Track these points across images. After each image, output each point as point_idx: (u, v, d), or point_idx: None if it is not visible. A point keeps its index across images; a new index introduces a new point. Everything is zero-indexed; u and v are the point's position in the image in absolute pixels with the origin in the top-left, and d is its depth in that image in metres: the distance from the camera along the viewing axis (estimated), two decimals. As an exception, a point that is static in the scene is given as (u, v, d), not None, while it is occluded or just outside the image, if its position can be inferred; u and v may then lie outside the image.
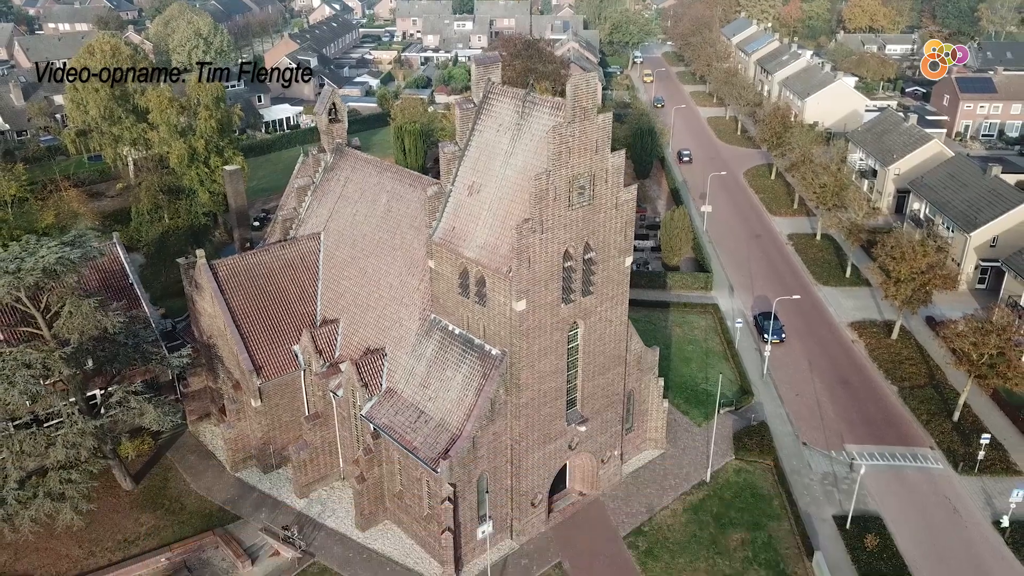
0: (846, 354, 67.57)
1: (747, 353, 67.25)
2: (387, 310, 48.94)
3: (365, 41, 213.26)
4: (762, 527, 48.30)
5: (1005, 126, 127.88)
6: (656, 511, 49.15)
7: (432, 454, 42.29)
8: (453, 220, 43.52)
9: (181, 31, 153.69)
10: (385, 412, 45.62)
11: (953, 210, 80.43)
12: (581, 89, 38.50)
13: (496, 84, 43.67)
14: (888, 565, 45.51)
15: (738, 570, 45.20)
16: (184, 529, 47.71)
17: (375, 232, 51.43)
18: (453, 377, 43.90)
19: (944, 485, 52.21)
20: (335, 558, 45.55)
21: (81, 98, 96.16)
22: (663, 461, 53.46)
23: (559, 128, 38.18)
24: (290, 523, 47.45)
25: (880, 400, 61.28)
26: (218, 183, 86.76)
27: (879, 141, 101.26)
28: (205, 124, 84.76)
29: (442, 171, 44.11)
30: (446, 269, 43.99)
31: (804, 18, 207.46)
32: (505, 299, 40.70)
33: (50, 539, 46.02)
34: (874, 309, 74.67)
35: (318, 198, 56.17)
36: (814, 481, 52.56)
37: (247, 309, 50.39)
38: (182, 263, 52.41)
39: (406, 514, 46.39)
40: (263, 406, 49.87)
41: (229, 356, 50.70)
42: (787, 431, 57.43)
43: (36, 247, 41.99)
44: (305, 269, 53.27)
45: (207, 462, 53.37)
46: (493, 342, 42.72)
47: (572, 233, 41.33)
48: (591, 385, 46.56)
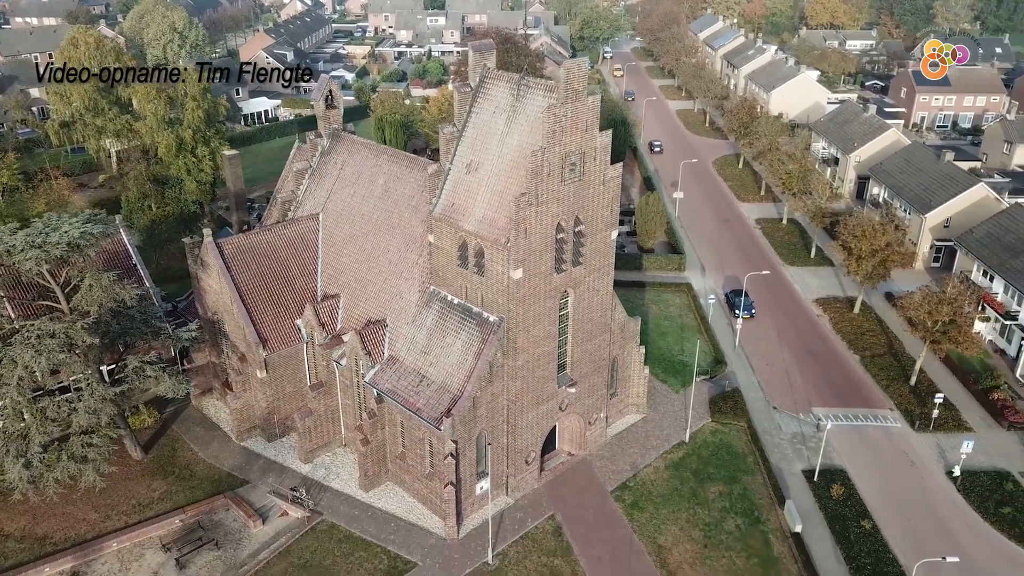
0: (812, 327, 71.97)
1: (720, 328, 71.28)
2: (387, 284, 51.90)
3: (337, 36, 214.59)
4: (737, 481, 52.22)
5: (958, 117, 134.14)
6: (640, 468, 52.83)
7: (435, 414, 45.44)
8: (452, 196, 46.66)
9: (155, 25, 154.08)
10: (388, 378, 48.63)
11: (909, 194, 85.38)
12: (573, 72, 41.92)
13: (491, 69, 46.86)
14: (852, 511, 49.67)
15: (716, 518, 49.04)
16: (195, 494, 50.25)
17: (373, 212, 54.31)
18: (453, 343, 47.07)
19: (902, 442, 56.61)
20: (342, 516, 48.48)
21: (65, 90, 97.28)
22: (645, 424, 57.17)
23: (554, 108, 41.53)
24: (295, 486, 50.21)
25: (843, 368, 65.68)
26: (205, 172, 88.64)
27: (841, 131, 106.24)
28: (192, 115, 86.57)
29: (441, 151, 47.20)
30: (446, 243, 47.12)
31: (768, 14, 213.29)
32: (503, 268, 43.96)
33: (66, 504, 48.30)
34: (837, 287, 79.27)
35: (316, 181, 58.85)
36: (784, 440, 56.64)
37: (252, 285, 53.00)
38: (187, 242, 54.78)
39: (408, 474, 49.46)
40: (268, 377, 52.56)
41: (235, 330, 53.27)
42: (759, 397, 61.49)
43: (59, 223, 44.25)
44: (305, 247, 55.99)
45: (212, 433, 55.88)
46: (491, 309, 45.97)
47: (564, 207, 44.74)
48: (579, 351, 50.04)
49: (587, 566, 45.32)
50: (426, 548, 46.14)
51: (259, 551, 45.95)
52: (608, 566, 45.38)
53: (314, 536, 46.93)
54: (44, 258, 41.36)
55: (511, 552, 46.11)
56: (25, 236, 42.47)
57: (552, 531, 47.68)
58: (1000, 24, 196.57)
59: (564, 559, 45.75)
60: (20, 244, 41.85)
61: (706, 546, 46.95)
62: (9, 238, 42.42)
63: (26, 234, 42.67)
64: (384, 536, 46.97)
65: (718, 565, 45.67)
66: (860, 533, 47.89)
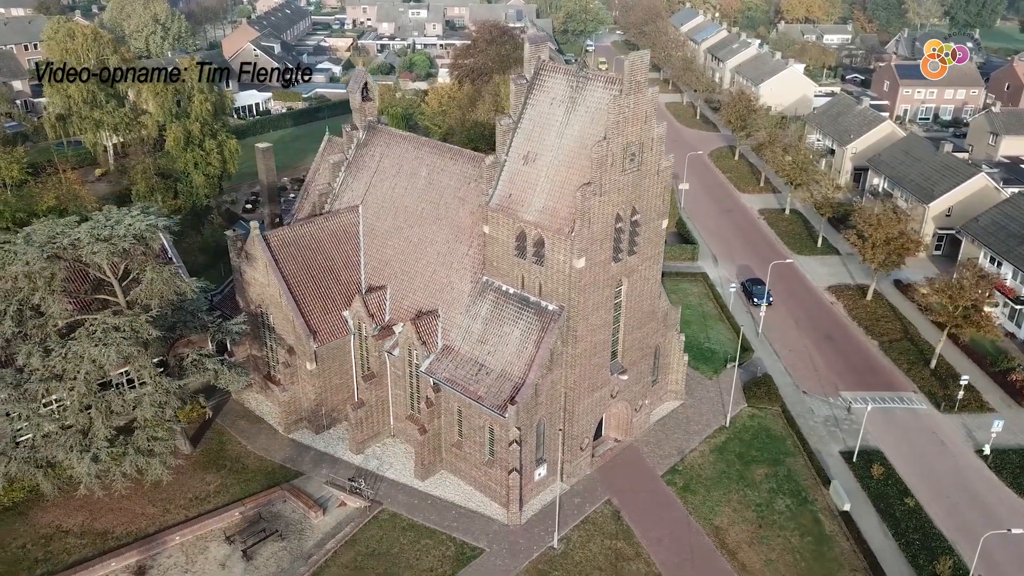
0: (827, 314, 73.98)
1: (739, 315, 72.89)
2: (436, 275, 52.28)
3: (316, 29, 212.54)
4: (781, 463, 53.76)
5: (940, 110, 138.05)
6: (686, 453, 54.08)
7: (498, 401, 46.06)
8: (509, 187, 47.22)
9: (137, 17, 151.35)
10: (445, 367, 49.09)
11: (911, 184, 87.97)
12: (636, 64, 42.77)
13: (546, 61, 47.47)
14: (893, 489, 51.53)
15: (766, 499, 50.50)
16: (250, 486, 50.22)
17: (417, 203, 54.57)
18: (511, 332, 47.70)
19: (929, 422, 58.71)
20: (401, 505, 48.89)
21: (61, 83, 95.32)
22: (684, 410, 58.44)
23: (618, 99, 42.36)
24: (353, 476, 50.45)
25: (863, 353, 67.74)
26: (213, 166, 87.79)
27: (835, 123, 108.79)
28: (201, 107, 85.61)
29: (498, 142, 47.70)
30: (502, 233, 47.67)
31: (744, 8, 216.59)
32: (565, 258, 44.69)
33: (122, 499, 47.93)
34: (846, 274, 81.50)
35: (352, 173, 58.86)
36: (818, 423, 58.35)
37: (299, 277, 52.98)
38: (230, 235, 54.50)
39: (464, 462, 50.02)
40: (318, 369, 52.64)
41: (283, 323, 53.20)
42: (787, 382, 63.16)
43: (121, 215, 43.83)
44: (348, 240, 56.06)
45: (258, 426, 55.76)
46: (550, 298, 46.68)
47: (623, 196, 45.64)
48: (630, 338, 51.06)
49: (650, 548, 46.41)
50: (490, 534, 46.81)
51: (324, 541, 46.16)
52: (670, 547, 46.52)
53: (377, 525, 47.29)
54: (112, 251, 41.00)
55: (574, 536, 47.00)
56: (90, 229, 42.00)
57: (611, 515, 48.68)
58: (969, 19, 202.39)
59: (627, 542, 46.79)
60: (85, 237, 41.40)
61: (760, 526, 48.36)
62: (72, 231, 41.91)
63: (90, 227, 42.19)
64: (447, 524, 47.52)
65: (775, 543, 47.10)
66: (904, 510, 49.73)
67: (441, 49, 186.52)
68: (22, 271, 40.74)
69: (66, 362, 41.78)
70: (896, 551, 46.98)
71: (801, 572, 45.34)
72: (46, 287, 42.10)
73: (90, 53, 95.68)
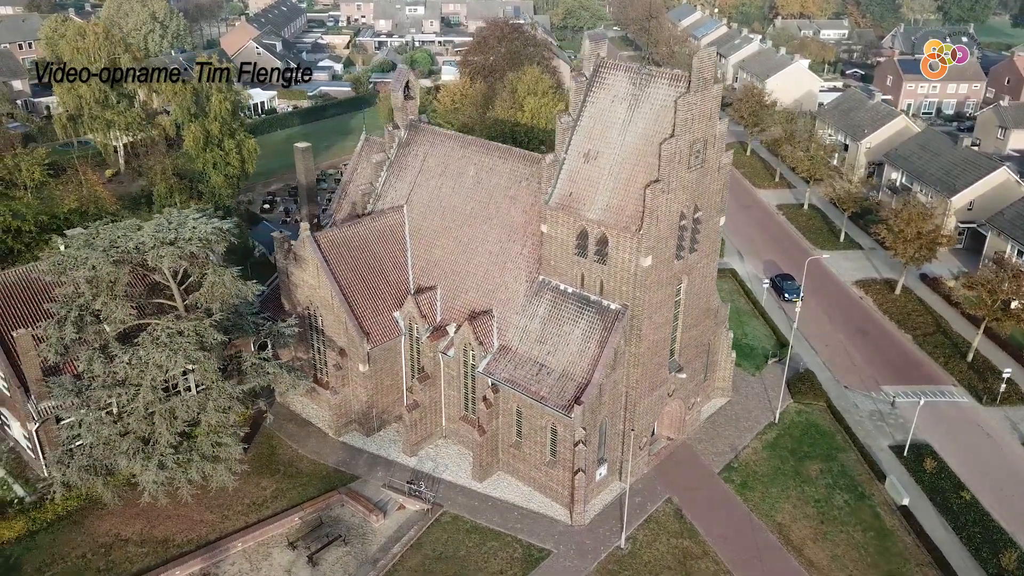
0: (858, 309, 74.31)
1: (772, 311, 73.04)
2: (488, 275, 51.84)
3: (311, 26, 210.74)
4: (834, 458, 53.88)
5: (942, 104, 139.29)
6: (739, 450, 54.07)
7: (562, 402, 45.75)
8: (570, 186, 46.87)
9: (136, 15, 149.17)
10: (504, 367, 48.70)
11: (931, 178, 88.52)
12: (704, 62, 42.61)
13: (605, 58, 47.14)
14: (947, 483, 51.76)
15: (824, 495, 50.59)
16: (307, 491, 49.58)
17: (465, 203, 54.09)
18: (571, 332, 47.38)
19: (973, 416, 59.08)
20: (462, 507, 48.47)
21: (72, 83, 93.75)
22: (732, 407, 58.43)
23: (687, 97, 42.15)
24: (412, 479, 49.95)
25: (898, 347, 68.09)
26: (232, 166, 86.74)
27: (847, 118, 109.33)
28: (220, 106, 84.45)
29: (556, 140, 47.33)
30: (561, 232, 47.31)
31: (738, 4, 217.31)
32: (630, 256, 44.43)
33: (180, 506, 47.11)
34: (871, 269, 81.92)
35: (395, 172, 58.26)
36: (863, 418, 58.54)
37: (350, 279, 52.37)
38: (276, 237, 53.77)
39: (523, 463, 49.68)
40: (370, 371, 52.07)
41: (334, 325, 52.55)
42: (827, 376, 63.34)
43: (183, 218, 43.04)
44: (394, 240, 55.48)
45: (306, 429, 55.09)
46: (612, 297, 46.41)
47: (687, 194, 45.47)
48: (687, 336, 50.94)
49: (716, 546, 46.33)
50: (556, 535, 46.53)
51: (388, 545, 45.67)
52: (736, 545, 46.47)
53: (441, 528, 46.86)
54: (179, 255, 40.22)
55: (639, 536, 46.84)
56: (154, 232, 41.17)
57: (673, 513, 48.57)
58: (963, 14, 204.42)
59: (692, 540, 46.69)
60: (150, 241, 40.57)
61: (822, 522, 48.43)
62: (136, 235, 41.06)
63: (155, 230, 41.36)
64: (511, 525, 47.18)
65: (838, 539, 47.19)
66: (961, 504, 49.99)
67: (440, 46, 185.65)
68: (87, 275, 39.87)
69: (131, 368, 40.98)
70: (958, 545, 47.21)
71: (868, 567, 45.46)
72: (108, 292, 41.24)
73: (101, 52, 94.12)
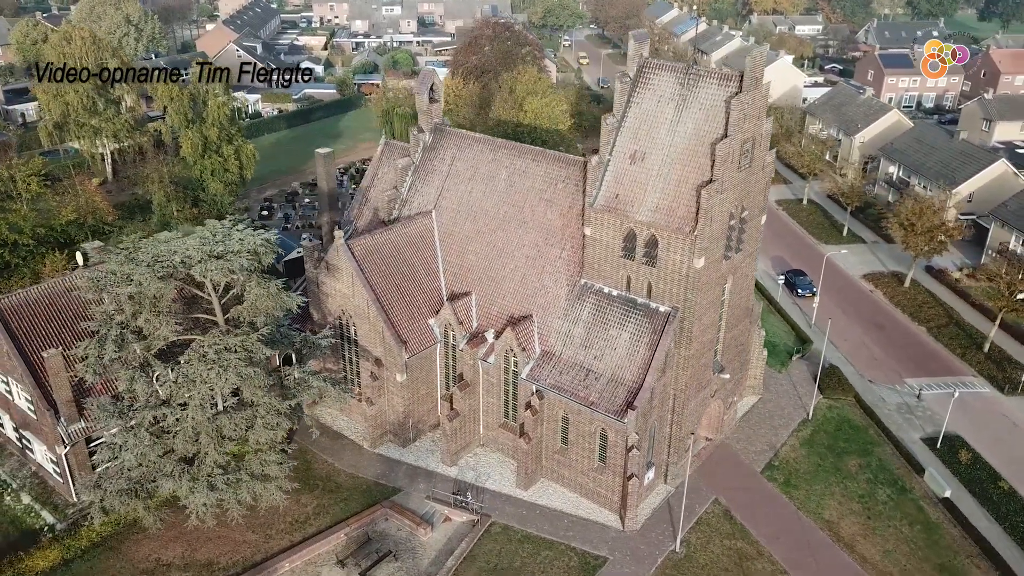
0: (870, 302, 75.02)
1: (787, 307, 73.37)
2: (526, 280, 51.10)
3: (285, 27, 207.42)
4: (870, 453, 54.17)
5: (922, 98, 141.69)
6: (778, 448, 54.09)
7: (613, 407, 45.23)
8: (616, 187, 46.33)
9: (109, 18, 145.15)
10: (548, 373, 48.03)
11: (929, 171, 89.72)
12: (756, 61, 42.37)
13: (648, 58, 46.67)
14: (984, 473, 52.34)
15: (867, 490, 50.81)
16: (349, 505, 48.40)
17: (498, 207, 53.27)
18: (618, 336, 46.88)
19: (996, 406, 59.90)
20: (510, 516, 47.70)
21: (59, 89, 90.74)
22: (764, 405, 58.45)
23: (740, 97, 41.88)
24: (458, 490, 49.03)
25: (915, 339, 68.84)
26: (231, 172, 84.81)
27: (839, 113, 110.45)
28: (219, 111, 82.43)
29: (601, 142, 46.76)
30: (606, 234, 46.77)
31: (712, 0, 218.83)
32: (682, 258, 44.04)
33: (220, 527, 45.58)
34: (877, 263, 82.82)
35: (421, 177, 57.18)
36: (892, 411, 58.99)
37: (384, 286, 51.25)
38: (306, 245, 52.42)
39: (568, 469, 49.05)
40: (408, 380, 51.02)
41: (369, 334, 51.36)
42: (851, 371, 63.74)
43: (228, 230, 41.58)
44: (425, 246, 54.47)
45: (339, 442, 53.81)
46: (660, 300, 45.99)
47: (737, 193, 45.22)
48: (729, 336, 50.79)
49: (769, 545, 46.22)
50: (609, 542, 46.01)
51: (441, 559, 44.75)
52: (788, 544, 46.41)
53: (492, 539, 46.04)
54: (229, 268, 38.81)
55: (692, 538, 46.53)
56: (200, 245, 39.67)
57: (722, 514, 48.35)
58: (931, 9, 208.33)
59: (745, 541, 46.52)
60: (197, 255, 39.08)
61: (869, 517, 48.61)
62: (181, 248, 39.51)
63: (201, 243, 39.85)
64: (562, 533, 46.55)
65: (887, 534, 47.39)
66: (1001, 494, 50.55)
67: (419, 46, 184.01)
68: (133, 292, 38.28)
69: (177, 387, 39.49)
70: (1003, 536, 47.71)
71: (920, 561, 45.72)
72: (151, 308, 39.68)
73: (89, 56, 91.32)
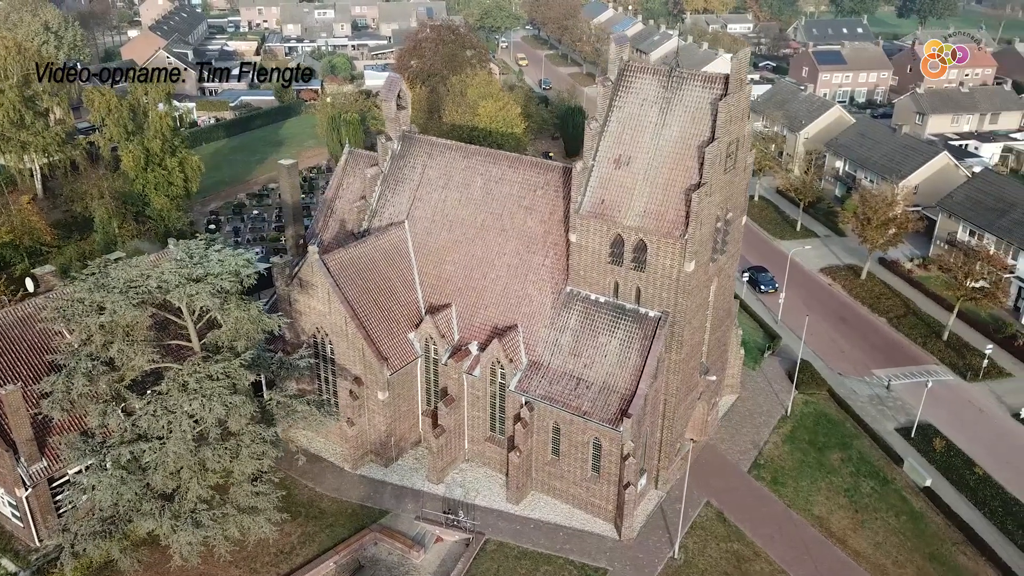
0: (830, 296, 76.52)
1: (752, 303, 74.17)
2: (508, 289, 50.02)
3: (212, 32, 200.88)
4: (850, 446, 54.95)
5: (855, 93, 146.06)
6: (761, 446, 54.35)
7: (607, 415, 44.54)
8: (601, 193, 45.64)
9: (26, 26, 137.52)
10: (538, 384, 47.04)
11: (875, 165, 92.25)
12: (741, 63, 42.24)
13: (629, 62, 46.13)
14: (958, 460, 53.67)
15: (851, 483, 51.46)
16: (336, 531, 46.46)
17: (475, 216, 52.04)
18: (607, 343, 46.22)
19: (961, 393, 61.65)
20: (504, 532, 46.54)
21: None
22: (742, 404, 58.73)
23: (728, 99, 41.72)
24: (448, 508, 47.61)
25: (877, 330, 70.44)
26: (176, 185, 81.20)
27: (782, 109, 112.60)
28: (161, 122, 78.77)
29: (584, 147, 46.01)
30: (592, 241, 46.06)
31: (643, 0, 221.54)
32: (672, 262, 43.65)
33: (204, 564, 43.07)
34: (831, 256, 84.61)
35: (391, 187, 55.48)
36: (865, 403, 60.06)
37: (362, 302, 49.42)
38: (277, 263, 50.17)
39: (560, 480, 48.16)
40: (390, 397, 49.34)
41: (347, 352, 49.46)
42: (820, 365, 64.65)
43: (202, 250, 39.16)
44: (400, 258, 52.82)
45: (318, 465, 51.68)
46: (650, 305, 45.51)
47: (722, 195, 45.07)
48: (713, 338, 50.70)
49: (765, 546, 46.26)
50: (607, 552, 45.30)
51: (439, 582, 43.33)
52: (783, 543, 46.54)
53: (488, 557, 44.79)
54: (212, 292, 36.49)
55: (689, 543, 46.21)
56: (176, 268, 37.22)
57: (715, 517, 48.21)
58: (854, 6, 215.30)
59: (741, 542, 46.45)
60: (174, 279, 36.64)
61: (856, 511, 49.20)
62: (155, 273, 36.98)
63: (176, 267, 37.38)
64: (559, 547, 45.62)
65: (876, 527, 48.03)
66: (977, 480, 51.86)
67: (354, 50, 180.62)
68: (104, 321, 35.68)
69: (155, 419, 37.03)
70: (984, 521, 48.92)
71: (910, 551, 46.45)
72: (124, 338, 37.10)
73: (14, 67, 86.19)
